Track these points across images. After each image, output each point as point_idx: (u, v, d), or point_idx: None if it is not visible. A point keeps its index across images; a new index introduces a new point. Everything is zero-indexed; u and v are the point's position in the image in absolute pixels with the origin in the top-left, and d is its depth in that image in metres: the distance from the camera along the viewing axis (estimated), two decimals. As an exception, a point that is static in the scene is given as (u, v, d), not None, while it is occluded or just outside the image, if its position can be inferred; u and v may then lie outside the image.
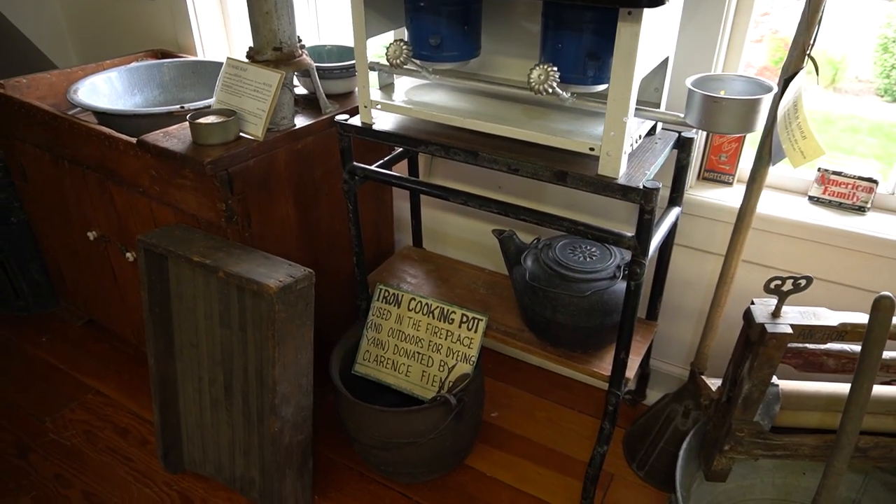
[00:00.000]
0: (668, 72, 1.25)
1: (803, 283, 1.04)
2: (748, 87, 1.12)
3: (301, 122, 1.50)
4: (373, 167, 1.45)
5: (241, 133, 1.42)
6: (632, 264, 1.18)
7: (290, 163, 1.49)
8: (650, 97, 1.28)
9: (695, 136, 1.33)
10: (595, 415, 1.80)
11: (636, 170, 1.16)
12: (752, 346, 1.09)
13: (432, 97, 1.35)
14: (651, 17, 0.99)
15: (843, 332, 1.05)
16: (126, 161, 1.50)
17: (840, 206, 1.41)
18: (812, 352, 1.11)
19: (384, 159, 1.52)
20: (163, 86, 1.89)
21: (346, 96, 1.66)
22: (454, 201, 1.34)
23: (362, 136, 1.36)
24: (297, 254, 1.60)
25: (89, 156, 1.59)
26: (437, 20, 1.21)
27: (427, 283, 1.73)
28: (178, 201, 1.47)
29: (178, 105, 1.54)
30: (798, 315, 1.07)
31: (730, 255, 1.32)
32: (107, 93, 1.76)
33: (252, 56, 1.43)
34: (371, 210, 1.82)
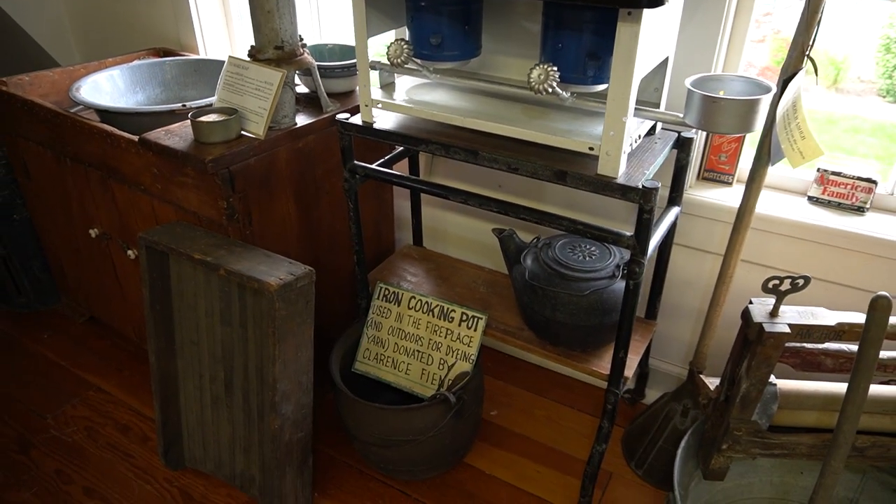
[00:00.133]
0: (667, 72, 1.25)
1: (801, 282, 1.05)
2: (747, 87, 1.12)
3: (302, 120, 1.51)
4: (373, 166, 1.45)
5: (243, 131, 1.42)
6: (631, 263, 1.19)
7: (291, 161, 1.50)
8: (650, 97, 1.28)
9: (694, 136, 1.34)
10: (594, 413, 1.80)
11: (635, 169, 1.16)
12: (750, 346, 1.09)
13: (433, 96, 1.35)
14: (651, 18, 1.00)
15: (841, 331, 1.05)
16: (128, 159, 1.51)
17: (839, 207, 1.42)
18: (810, 351, 1.11)
19: (385, 158, 1.53)
20: (165, 84, 1.89)
21: (348, 95, 1.67)
22: (454, 200, 1.35)
23: (363, 135, 1.37)
24: (297, 252, 1.61)
25: (91, 153, 1.60)
26: (438, 20, 1.22)
27: (427, 282, 1.73)
28: (180, 199, 1.47)
29: (179, 103, 1.54)
30: (796, 315, 1.07)
31: (729, 255, 1.33)
32: (109, 91, 1.76)
33: (254, 55, 1.43)
34: (372, 208, 1.83)
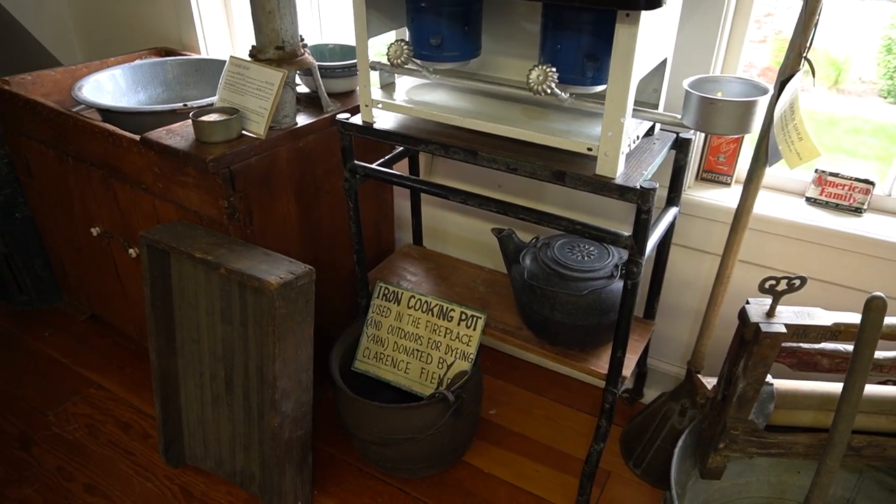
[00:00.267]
0: (666, 73, 1.26)
1: (797, 283, 1.06)
2: (744, 88, 1.13)
3: (303, 120, 1.51)
4: (373, 166, 1.46)
5: (244, 131, 1.43)
6: (629, 264, 1.19)
7: (291, 161, 1.51)
8: (649, 98, 1.29)
9: (692, 136, 1.34)
10: (593, 413, 1.81)
11: (634, 170, 1.17)
12: (747, 346, 1.10)
13: (433, 97, 1.36)
14: (649, 19, 1.01)
15: (837, 331, 1.06)
16: (130, 158, 1.52)
17: (837, 208, 1.42)
18: (806, 351, 1.12)
19: (385, 158, 1.54)
20: (166, 83, 1.90)
21: (348, 95, 1.67)
22: (453, 200, 1.36)
23: (363, 135, 1.37)
24: (297, 251, 1.61)
25: (93, 153, 1.61)
26: (437, 20, 1.22)
27: (427, 281, 1.74)
28: (181, 198, 1.48)
29: (181, 103, 1.55)
30: (792, 315, 1.08)
31: (726, 255, 1.33)
32: (111, 90, 1.77)
33: (255, 55, 1.44)
34: (372, 208, 1.83)
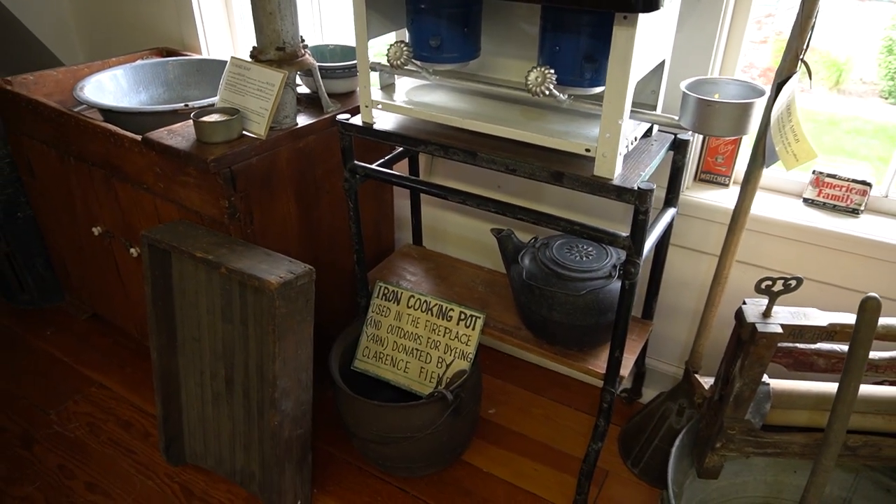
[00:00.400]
0: (664, 74, 1.27)
1: (794, 283, 1.06)
2: (741, 90, 1.14)
3: (303, 120, 1.52)
4: (373, 166, 1.47)
5: (245, 131, 1.44)
6: (626, 264, 1.20)
7: (292, 161, 1.51)
8: (647, 99, 1.30)
9: (690, 138, 1.35)
10: (591, 412, 1.82)
11: (631, 171, 1.18)
12: (744, 346, 1.11)
13: (432, 97, 1.37)
14: (646, 22, 1.01)
15: (833, 332, 1.06)
16: (131, 158, 1.53)
17: (834, 209, 1.43)
18: (802, 351, 1.12)
19: (385, 158, 1.54)
20: (167, 84, 1.91)
21: (348, 95, 1.68)
22: (453, 200, 1.36)
23: (363, 136, 1.38)
24: (298, 251, 1.62)
25: (95, 152, 1.62)
26: (437, 22, 1.23)
27: (426, 281, 1.75)
28: (182, 198, 1.49)
29: (182, 103, 1.56)
30: (788, 315, 1.08)
31: (724, 256, 1.34)
32: (112, 90, 1.78)
33: (255, 56, 1.45)
34: (372, 208, 1.84)
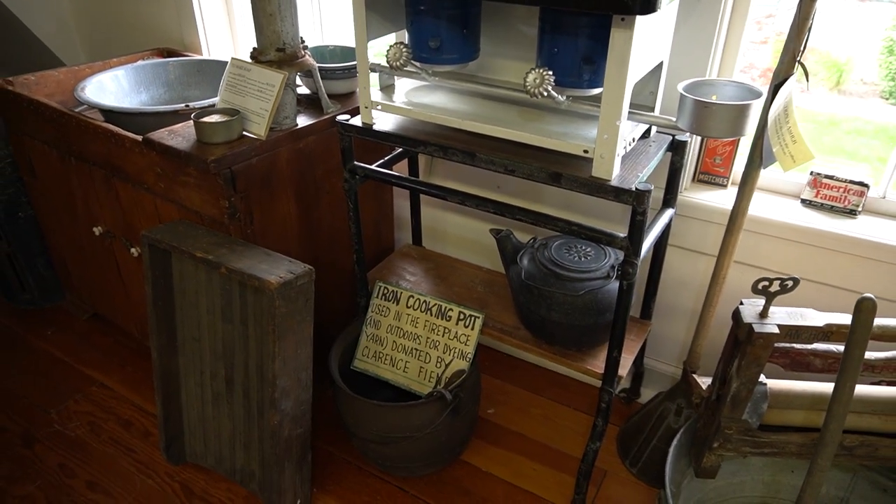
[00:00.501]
0: (662, 75, 1.27)
1: (790, 284, 1.07)
2: (739, 92, 1.14)
3: (303, 121, 1.53)
4: (373, 166, 1.47)
5: (245, 132, 1.45)
6: (624, 264, 1.21)
7: (292, 161, 1.52)
8: (645, 100, 1.30)
9: (688, 139, 1.36)
10: (590, 412, 1.82)
11: (629, 172, 1.18)
12: (741, 346, 1.11)
13: (432, 98, 1.38)
14: (644, 24, 1.02)
15: (829, 332, 1.07)
16: (132, 158, 1.53)
17: (832, 210, 1.44)
18: (799, 351, 1.13)
19: (384, 159, 1.55)
20: (168, 84, 1.92)
21: (348, 96, 1.69)
22: (452, 201, 1.37)
23: (363, 137, 1.39)
24: (297, 251, 1.63)
25: (96, 153, 1.62)
26: (436, 23, 1.24)
27: (426, 281, 1.76)
28: (183, 198, 1.50)
29: (183, 104, 1.57)
30: (785, 315, 1.09)
31: (722, 257, 1.35)
32: (113, 90, 1.79)
33: (256, 57, 1.45)
34: (371, 208, 1.85)
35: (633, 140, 1.23)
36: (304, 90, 1.67)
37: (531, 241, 1.50)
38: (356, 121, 1.39)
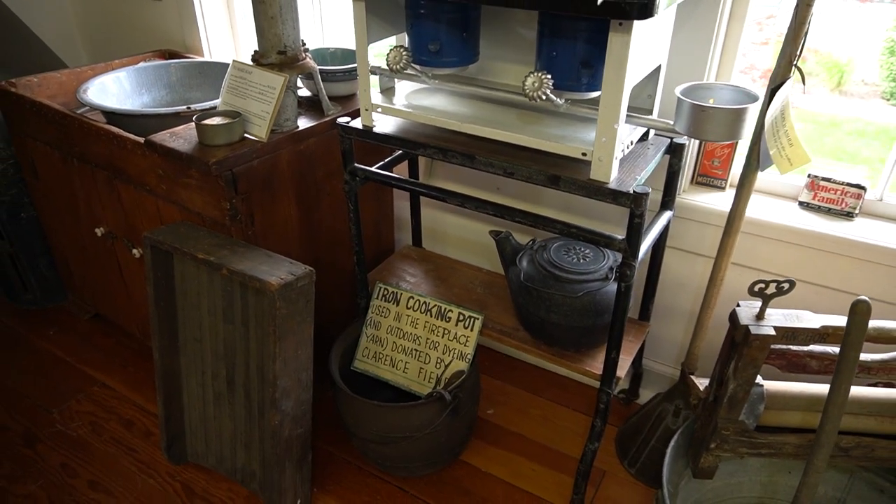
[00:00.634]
0: (660, 79, 1.28)
1: (786, 286, 1.08)
2: (736, 96, 1.15)
3: (304, 123, 1.54)
4: (373, 169, 1.48)
5: (246, 134, 1.46)
6: (622, 266, 1.22)
7: (292, 163, 1.53)
8: (643, 103, 1.31)
9: (686, 142, 1.36)
10: (589, 413, 1.83)
11: (627, 174, 1.19)
12: (738, 348, 1.12)
13: (431, 101, 1.38)
14: (642, 28, 1.03)
15: (825, 334, 1.08)
16: (134, 160, 1.54)
17: (829, 212, 1.44)
18: (795, 353, 1.14)
19: (385, 160, 1.56)
20: (170, 86, 1.93)
21: (349, 98, 1.70)
22: (451, 203, 1.38)
23: (363, 139, 1.40)
24: (298, 252, 1.64)
25: (98, 154, 1.63)
26: (436, 27, 1.25)
27: (426, 282, 1.77)
28: (184, 200, 1.51)
29: (184, 105, 1.58)
30: (781, 317, 1.10)
31: (719, 259, 1.35)
32: (115, 92, 1.80)
33: (257, 59, 1.46)
34: (372, 209, 1.86)
35: (632, 143, 1.24)
36: (304, 92, 1.68)
37: (530, 243, 1.51)
38: (357, 123, 1.40)
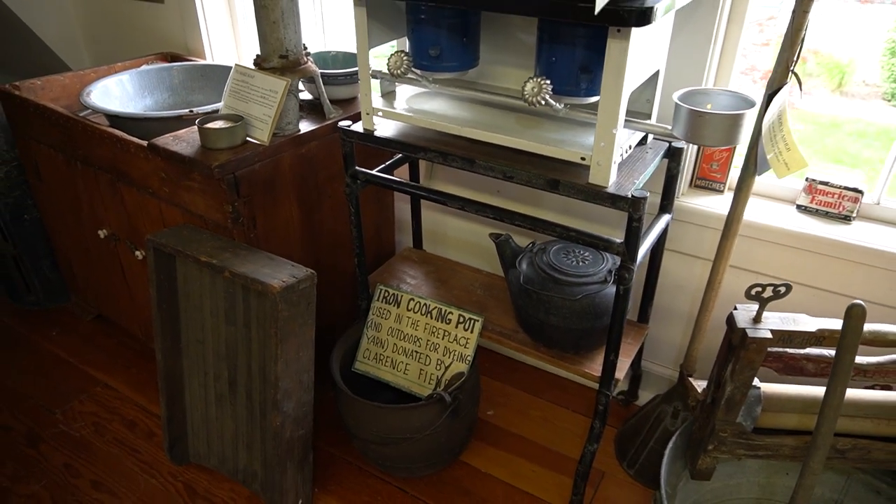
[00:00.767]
0: (659, 83, 1.29)
1: (783, 290, 1.09)
2: (733, 101, 1.16)
3: (305, 127, 1.55)
4: (374, 172, 1.49)
5: (248, 138, 1.47)
6: (620, 269, 1.23)
7: (294, 166, 1.54)
8: (642, 108, 1.32)
9: (685, 145, 1.37)
10: (588, 414, 1.84)
11: (626, 178, 1.20)
12: (735, 350, 1.13)
13: (432, 105, 1.39)
14: (640, 34, 1.04)
15: (821, 337, 1.09)
16: (137, 163, 1.56)
17: (826, 215, 1.45)
18: (792, 356, 1.15)
19: (386, 164, 1.57)
20: (172, 88, 1.94)
21: (350, 101, 1.71)
22: (452, 206, 1.39)
23: (364, 143, 1.41)
24: (300, 254, 1.65)
25: (102, 157, 1.65)
26: (437, 32, 1.26)
27: (426, 284, 1.78)
28: (187, 203, 1.52)
29: (187, 109, 1.59)
30: (778, 321, 1.11)
31: (718, 261, 1.36)
32: (118, 95, 1.81)
33: (259, 63, 1.48)
34: (373, 212, 1.87)
35: (630, 147, 1.25)
36: (306, 95, 1.69)
37: (530, 246, 1.52)
38: (358, 127, 1.41)
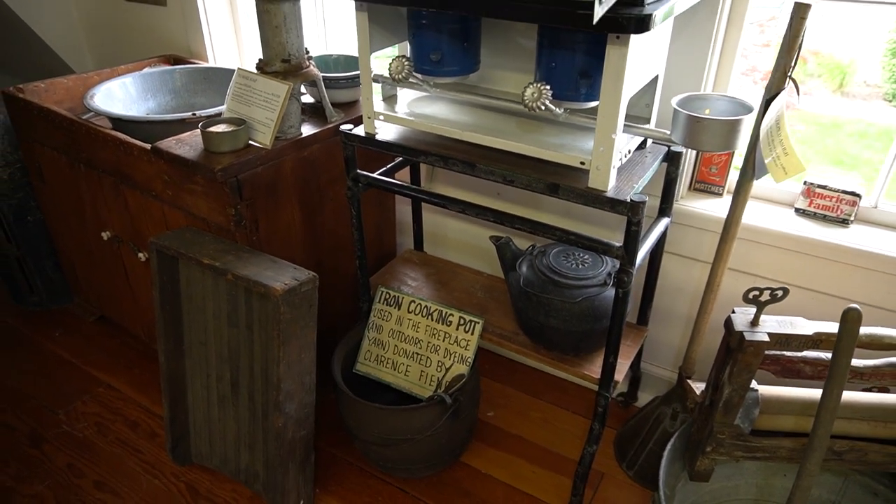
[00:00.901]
0: (658, 88, 1.30)
1: (780, 293, 1.10)
2: (731, 106, 1.17)
3: (307, 130, 1.56)
4: (376, 175, 1.50)
5: (251, 141, 1.48)
6: (620, 273, 1.24)
7: (296, 169, 1.55)
8: (641, 112, 1.33)
9: (683, 150, 1.38)
10: (588, 415, 1.85)
11: (625, 183, 1.21)
12: (733, 353, 1.14)
13: (433, 109, 1.40)
14: (639, 41, 1.05)
15: (818, 340, 1.10)
16: (140, 166, 1.57)
17: (825, 219, 1.46)
18: (789, 359, 1.16)
19: (387, 167, 1.58)
20: (175, 91, 1.95)
21: (352, 105, 1.72)
22: (452, 209, 1.40)
23: (365, 146, 1.42)
24: (302, 257, 1.66)
25: (105, 160, 1.66)
26: (438, 37, 1.27)
27: (427, 286, 1.79)
28: (190, 205, 1.53)
29: (189, 112, 1.60)
30: (776, 324, 1.12)
31: (716, 264, 1.37)
32: (121, 97, 1.82)
33: (261, 67, 1.49)
34: (374, 214, 1.88)
35: (629, 151, 1.26)
36: (308, 99, 1.71)
37: (530, 249, 1.53)
38: (359, 130, 1.42)
